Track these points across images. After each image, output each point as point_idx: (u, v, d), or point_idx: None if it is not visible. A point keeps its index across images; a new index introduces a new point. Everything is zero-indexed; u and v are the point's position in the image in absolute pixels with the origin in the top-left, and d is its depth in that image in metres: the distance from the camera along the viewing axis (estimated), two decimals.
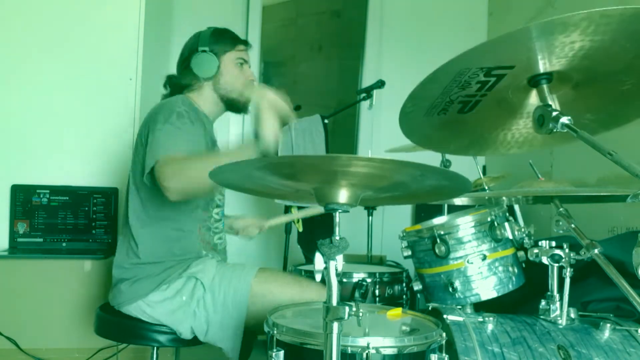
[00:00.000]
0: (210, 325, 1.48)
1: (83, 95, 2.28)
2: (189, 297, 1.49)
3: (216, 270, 1.53)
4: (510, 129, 1.10)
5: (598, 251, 1.07)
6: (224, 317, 1.48)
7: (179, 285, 1.50)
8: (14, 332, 1.97)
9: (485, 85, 0.93)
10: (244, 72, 1.70)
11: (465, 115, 1.02)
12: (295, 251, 2.53)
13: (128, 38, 2.31)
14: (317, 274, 0.84)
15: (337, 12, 3.62)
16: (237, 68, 1.68)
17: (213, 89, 1.66)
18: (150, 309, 1.49)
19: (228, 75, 1.66)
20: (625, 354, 1.08)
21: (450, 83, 0.90)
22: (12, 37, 2.24)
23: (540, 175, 1.69)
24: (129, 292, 1.51)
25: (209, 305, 1.48)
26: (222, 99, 1.68)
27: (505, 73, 0.90)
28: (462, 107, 0.99)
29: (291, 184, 0.89)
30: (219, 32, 1.69)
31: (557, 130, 0.89)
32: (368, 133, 3.14)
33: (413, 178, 0.83)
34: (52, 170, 2.24)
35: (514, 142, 1.13)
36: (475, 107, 0.99)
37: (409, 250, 1.48)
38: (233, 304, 1.48)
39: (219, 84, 1.66)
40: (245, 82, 1.69)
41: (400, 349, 0.96)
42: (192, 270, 1.52)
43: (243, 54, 1.70)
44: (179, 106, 1.53)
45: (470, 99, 0.97)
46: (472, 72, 0.88)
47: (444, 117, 1.01)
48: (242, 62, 1.69)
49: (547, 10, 2.56)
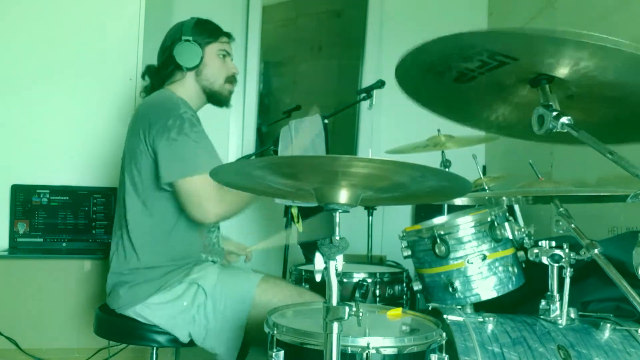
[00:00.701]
0: (208, 332, 1.46)
1: (83, 95, 2.28)
2: (190, 302, 1.47)
3: (218, 278, 1.51)
4: (496, 111, 1.10)
5: (598, 251, 1.07)
6: (224, 326, 1.47)
7: (180, 291, 1.49)
8: (14, 332, 1.97)
9: (485, 65, 0.93)
10: (226, 65, 1.68)
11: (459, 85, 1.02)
12: (296, 251, 2.53)
13: (128, 38, 2.31)
14: (317, 274, 0.84)
15: (337, 12, 3.62)
16: (219, 60, 1.66)
17: (195, 80, 1.64)
18: (149, 311, 1.48)
19: (211, 67, 1.64)
20: (625, 354, 1.08)
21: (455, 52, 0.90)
22: (11, 37, 2.24)
23: (540, 175, 1.69)
24: (128, 296, 1.49)
25: (210, 313, 1.47)
26: (204, 90, 1.66)
27: (507, 62, 0.90)
28: (458, 76, 0.99)
29: (291, 184, 0.90)
30: (203, 22, 1.67)
31: (557, 130, 0.89)
32: (368, 133, 3.14)
33: (413, 179, 0.83)
34: (52, 170, 2.23)
35: (495, 125, 1.14)
36: (471, 81, 0.99)
37: (409, 250, 1.48)
38: (233, 313, 1.47)
39: (201, 75, 1.64)
40: (228, 75, 1.68)
41: (400, 349, 0.96)
42: (194, 276, 1.51)
43: (226, 45, 1.68)
44: (185, 111, 1.52)
45: (469, 72, 0.97)
46: (478, 50, 0.87)
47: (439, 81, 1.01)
48: (224, 54, 1.68)
49: (547, 11, 2.56)
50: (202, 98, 1.68)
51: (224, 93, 1.69)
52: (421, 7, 3.16)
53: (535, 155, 1.93)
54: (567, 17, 2.38)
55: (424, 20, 3.14)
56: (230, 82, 1.70)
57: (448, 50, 0.91)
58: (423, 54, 0.93)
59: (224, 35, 1.69)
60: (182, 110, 1.52)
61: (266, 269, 1.78)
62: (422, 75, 1.01)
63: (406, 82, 1.04)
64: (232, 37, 1.73)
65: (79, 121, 2.27)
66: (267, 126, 2.86)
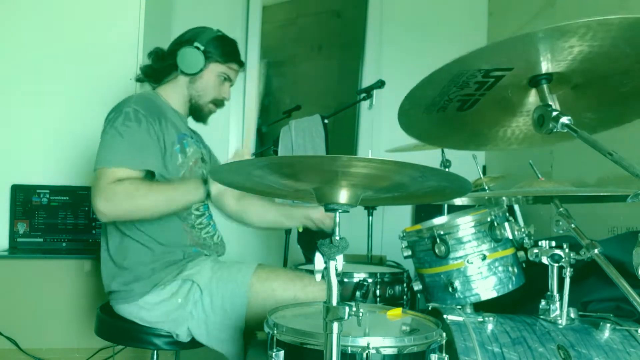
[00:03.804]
0: (209, 327, 1.46)
1: (83, 95, 2.28)
2: (184, 299, 1.47)
3: (212, 272, 1.51)
4: (510, 125, 1.10)
5: (598, 251, 1.07)
6: (223, 320, 1.47)
7: (174, 288, 1.49)
8: (14, 332, 1.97)
9: (483, 85, 0.93)
10: (221, 88, 1.68)
11: (464, 113, 1.02)
12: (295, 251, 2.53)
13: (128, 38, 2.31)
14: (317, 274, 0.84)
15: (337, 12, 3.62)
16: (218, 80, 1.66)
17: (187, 86, 1.65)
18: (146, 312, 1.47)
19: (206, 82, 1.65)
20: (625, 354, 1.08)
21: (448, 84, 0.91)
22: (12, 37, 2.24)
23: (540, 175, 1.69)
24: (124, 295, 1.49)
25: (207, 307, 1.47)
26: (190, 99, 1.67)
27: (503, 74, 0.90)
28: (461, 105, 0.99)
29: (291, 184, 0.89)
30: (222, 40, 1.67)
31: (557, 130, 0.89)
32: (368, 133, 3.14)
33: (413, 179, 0.83)
34: (52, 170, 2.24)
35: (514, 139, 1.14)
36: (475, 105, 1.00)
37: (409, 250, 1.48)
38: (231, 306, 1.47)
39: (194, 84, 1.64)
40: (217, 97, 1.68)
41: (400, 349, 0.96)
42: (188, 272, 1.51)
43: (231, 72, 1.68)
44: (130, 105, 1.50)
45: (469, 97, 0.97)
46: (470, 74, 0.88)
47: (443, 115, 1.01)
48: (225, 78, 1.67)
49: (547, 10, 2.56)
50: (186, 106, 1.69)
51: (205, 110, 1.70)
52: (421, 7, 3.16)
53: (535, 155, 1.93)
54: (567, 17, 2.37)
55: (424, 20, 3.14)
56: (216, 104, 1.71)
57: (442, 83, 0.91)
58: (419, 95, 0.93)
59: (234, 63, 1.68)
60: (127, 105, 1.50)
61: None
62: (426, 116, 1.01)
63: (413, 127, 1.05)
64: (243, 65, 1.73)
65: (79, 121, 2.27)
66: (267, 126, 2.85)
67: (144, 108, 1.51)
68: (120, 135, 1.45)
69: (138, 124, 1.47)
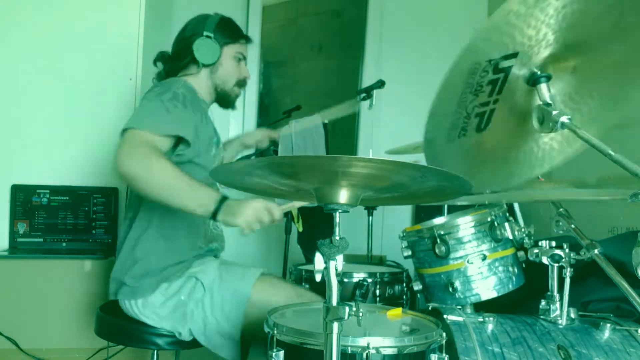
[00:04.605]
0: (207, 326, 1.47)
1: (83, 95, 2.28)
2: (187, 296, 1.48)
3: (217, 273, 1.52)
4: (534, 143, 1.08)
5: (598, 251, 1.07)
6: (221, 321, 1.47)
7: (179, 285, 1.50)
8: (14, 332, 1.97)
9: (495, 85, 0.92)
10: (240, 68, 1.69)
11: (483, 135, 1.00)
12: (295, 251, 2.53)
13: (128, 38, 2.31)
14: (317, 274, 0.84)
15: (337, 12, 3.62)
16: (235, 62, 1.67)
17: (209, 77, 1.65)
18: (151, 309, 1.48)
19: (226, 68, 1.65)
20: (625, 354, 1.08)
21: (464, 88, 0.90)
22: (11, 37, 2.24)
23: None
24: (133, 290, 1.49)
25: (207, 307, 1.47)
26: (215, 89, 1.67)
27: (511, 64, 0.89)
28: (479, 121, 0.98)
29: (291, 184, 0.90)
30: (226, 21, 1.68)
31: (557, 129, 0.89)
32: (368, 133, 3.14)
33: (413, 179, 0.83)
34: (52, 170, 2.23)
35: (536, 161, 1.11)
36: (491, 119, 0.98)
37: (409, 250, 1.48)
38: (231, 308, 1.47)
39: (216, 73, 1.65)
40: (239, 78, 1.69)
41: (400, 349, 0.96)
42: (193, 270, 1.52)
43: (243, 49, 1.69)
44: (178, 87, 1.51)
45: (485, 108, 0.96)
46: (482, 70, 0.87)
47: (465, 141, 1.00)
48: (240, 58, 1.68)
49: None
50: (212, 96, 1.69)
51: (232, 95, 1.70)
52: (421, 7, 3.16)
53: None
54: None
55: (424, 20, 3.14)
56: (240, 85, 1.71)
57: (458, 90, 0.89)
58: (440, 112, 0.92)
59: (242, 38, 1.70)
60: (176, 87, 1.50)
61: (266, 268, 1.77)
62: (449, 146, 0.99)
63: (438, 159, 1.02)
64: (250, 40, 1.74)
65: (79, 121, 2.27)
66: (267, 126, 2.85)
67: (191, 96, 1.54)
68: (166, 109, 1.43)
69: (184, 107, 1.47)
